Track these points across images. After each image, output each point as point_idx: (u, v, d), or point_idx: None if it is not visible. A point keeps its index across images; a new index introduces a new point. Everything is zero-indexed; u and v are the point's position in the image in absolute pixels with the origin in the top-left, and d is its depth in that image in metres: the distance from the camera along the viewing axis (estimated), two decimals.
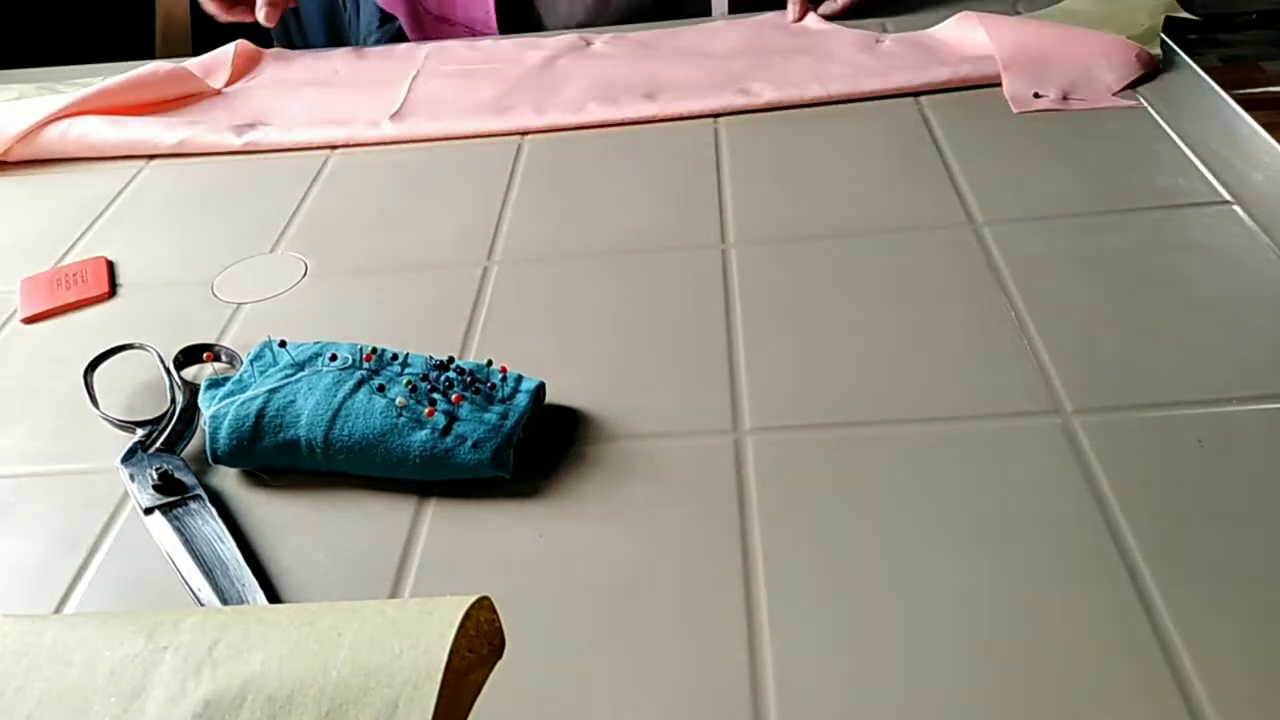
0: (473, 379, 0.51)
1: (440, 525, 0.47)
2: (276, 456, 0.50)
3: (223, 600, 0.44)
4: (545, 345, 0.58)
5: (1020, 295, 0.58)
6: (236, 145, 0.82)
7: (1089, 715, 0.37)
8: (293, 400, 0.50)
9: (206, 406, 0.51)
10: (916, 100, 0.80)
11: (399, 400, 0.49)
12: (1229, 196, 0.65)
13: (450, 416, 0.49)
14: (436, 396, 0.50)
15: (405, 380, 0.50)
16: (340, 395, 0.50)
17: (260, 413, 0.50)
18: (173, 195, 0.79)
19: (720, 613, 0.42)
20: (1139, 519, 0.44)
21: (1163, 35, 0.81)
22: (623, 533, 0.46)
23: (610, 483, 0.48)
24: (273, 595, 0.44)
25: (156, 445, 0.52)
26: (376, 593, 0.44)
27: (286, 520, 0.48)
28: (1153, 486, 0.45)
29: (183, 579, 0.45)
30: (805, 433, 0.50)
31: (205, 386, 0.52)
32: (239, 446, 0.50)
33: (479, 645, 0.34)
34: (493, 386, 0.51)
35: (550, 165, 0.77)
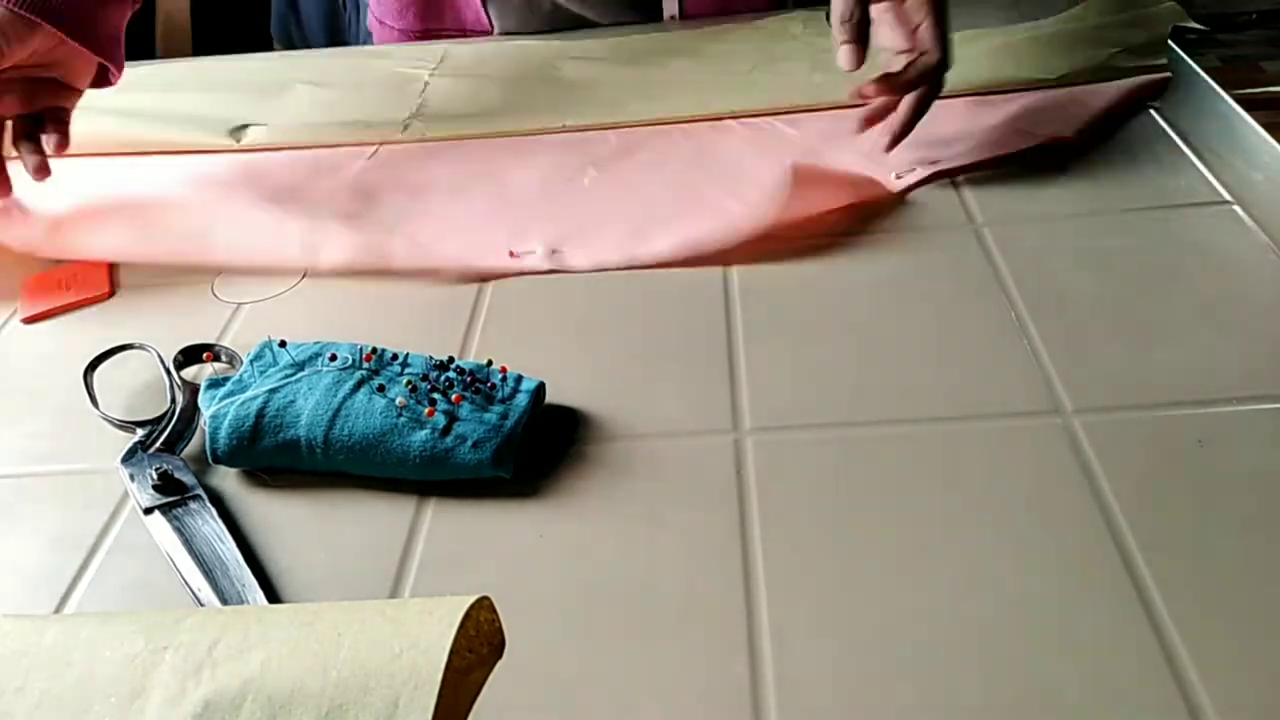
0: (473, 379, 0.51)
1: (440, 525, 0.47)
2: (276, 456, 0.50)
3: (222, 600, 0.44)
4: (545, 345, 0.58)
5: (1020, 295, 0.58)
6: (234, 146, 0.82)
7: (1089, 714, 0.37)
8: (293, 400, 0.50)
9: (206, 406, 0.51)
10: None
11: (399, 400, 0.49)
12: (1229, 196, 0.65)
13: (450, 416, 0.49)
14: (436, 396, 0.50)
15: (405, 380, 0.50)
16: (340, 395, 0.50)
17: (260, 413, 0.50)
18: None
19: (720, 612, 0.42)
20: (1139, 519, 0.44)
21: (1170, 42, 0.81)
22: (623, 533, 0.46)
23: (610, 483, 0.48)
24: (272, 595, 0.44)
25: (156, 445, 0.52)
26: (376, 593, 0.44)
27: (286, 520, 0.48)
28: (1153, 486, 0.45)
29: (182, 579, 0.45)
30: (805, 433, 0.50)
31: (205, 386, 0.52)
32: (239, 446, 0.50)
33: (479, 645, 0.34)
34: (493, 386, 0.51)
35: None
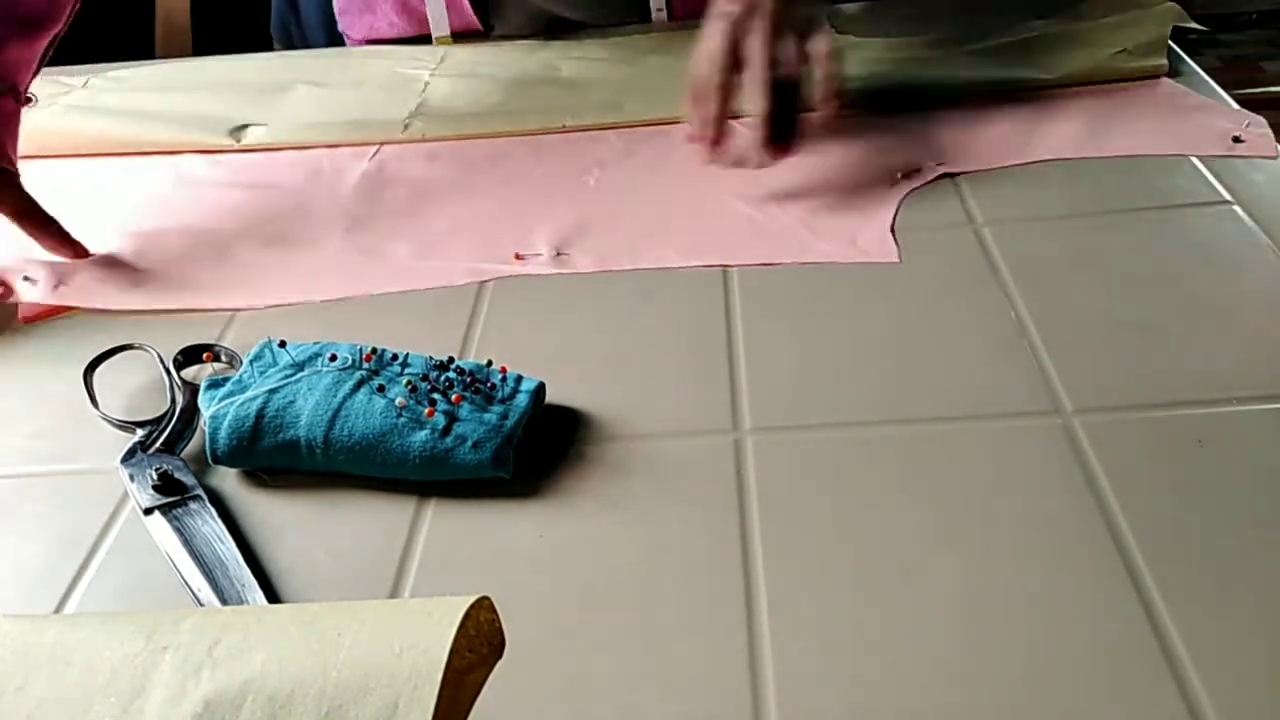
0: (473, 379, 0.51)
1: (440, 525, 0.47)
2: (276, 457, 0.50)
3: (222, 600, 0.43)
4: (545, 345, 0.58)
5: (1020, 295, 0.58)
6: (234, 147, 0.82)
7: (1089, 714, 0.37)
8: (292, 400, 0.50)
9: (206, 407, 0.51)
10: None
11: (399, 400, 0.49)
12: (1229, 197, 0.65)
13: (450, 417, 0.49)
14: (436, 397, 0.50)
15: (405, 380, 0.50)
16: (340, 395, 0.50)
17: (260, 413, 0.50)
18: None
19: (720, 612, 0.42)
20: (1139, 519, 0.44)
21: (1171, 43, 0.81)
22: (623, 533, 0.46)
23: (610, 483, 0.48)
24: (272, 595, 0.44)
25: (156, 445, 0.52)
26: (376, 593, 0.44)
27: (286, 520, 0.48)
28: (1153, 486, 0.45)
29: (182, 579, 0.45)
30: (805, 433, 0.50)
31: (205, 387, 0.52)
32: (239, 447, 0.50)
33: (479, 645, 0.34)
34: (493, 386, 0.51)
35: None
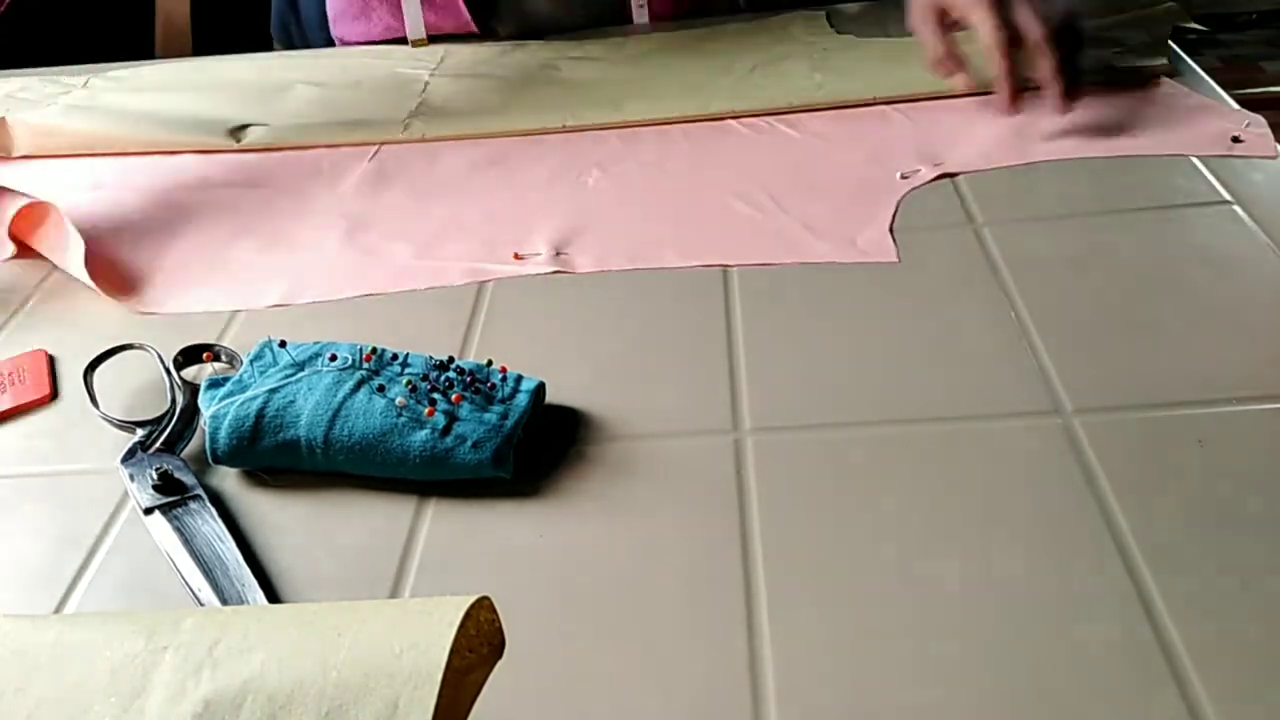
0: (473, 379, 0.51)
1: (440, 525, 0.47)
2: (276, 456, 0.50)
3: (223, 600, 0.43)
4: (545, 345, 0.58)
5: (1020, 295, 0.58)
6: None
7: (1088, 714, 0.37)
8: (293, 400, 0.50)
9: (206, 406, 0.51)
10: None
11: (399, 400, 0.49)
12: (1229, 196, 0.65)
13: (450, 416, 0.49)
14: (436, 396, 0.50)
15: (405, 380, 0.50)
16: (340, 395, 0.50)
17: (260, 413, 0.50)
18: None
19: (720, 613, 0.42)
20: (1139, 519, 0.44)
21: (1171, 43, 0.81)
22: (623, 533, 0.46)
23: (610, 483, 0.48)
24: (273, 595, 0.44)
25: (156, 445, 0.52)
26: (376, 593, 0.44)
27: (286, 520, 0.48)
28: (1153, 486, 0.45)
29: (183, 579, 0.45)
30: (805, 433, 0.50)
31: (205, 386, 0.52)
32: (239, 446, 0.50)
33: (479, 645, 0.34)
34: (493, 386, 0.51)
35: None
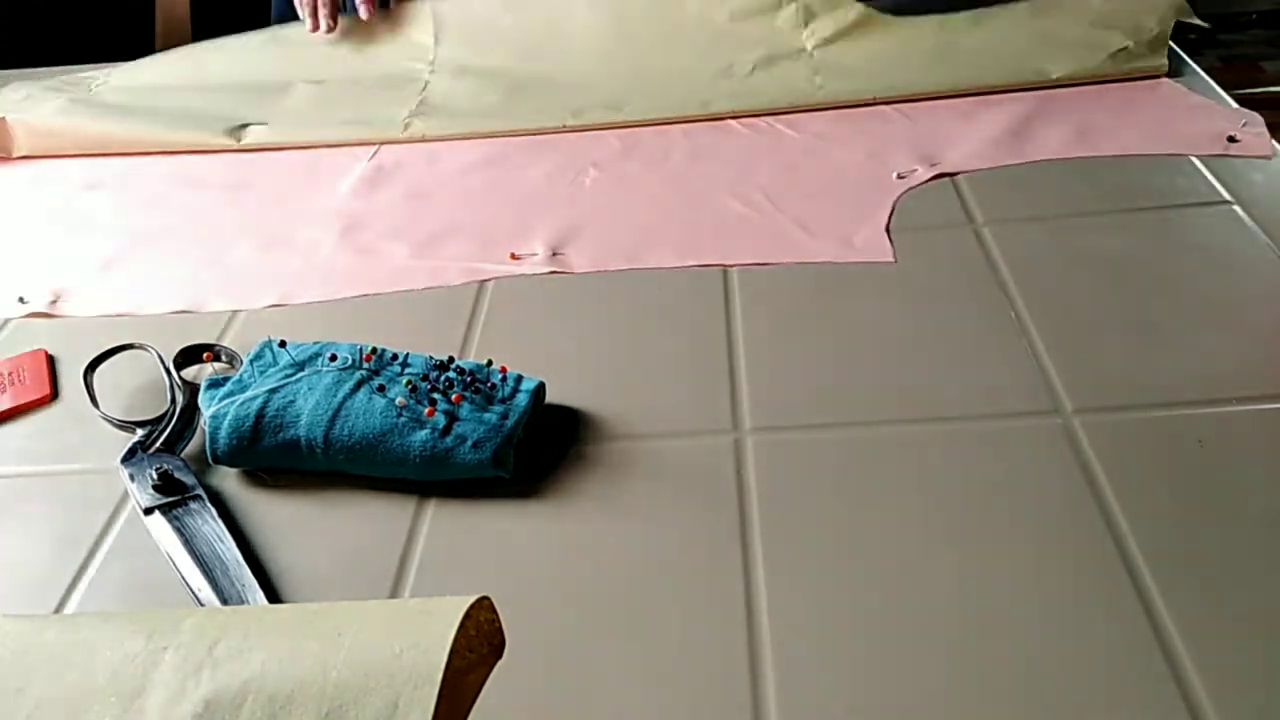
0: (473, 379, 0.51)
1: (440, 525, 0.47)
2: (276, 456, 0.50)
3: (222, 600, 0.43)
4: (545, 345, 0.58)
5: (1020, 295, 0.58)
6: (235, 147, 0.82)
7: (1089, 714, 0.37)
8: (293, 400, 0.50)
9: (206, 406, 0.51)
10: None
11: (399, 400, 0.49)
12: (1229, 196, 0.65)
13: (450, 416, 0.49)
14: (436, 396, 0.49)
15: (405, 380, 0.50)
16: (340, 395, 0.50)
17: (260, 413, 0.50)
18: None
19: (720, 612, 0.42)
20: (1138, 518, 0.44)
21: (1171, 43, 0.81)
22: (623, 533, 0.46)
23: (610, 483, 0.48)
24: (272, 595, 0.44)
25: (156, 445, 0.52)
26: (376, 593, 0.44)
27: (286, 520, 0.48)
28: (1152, 486, 0.45)
29: (182, 579, 0.45)
30: (805, 433, 0.50)
31: (205, 386, 0.52)
32: (239, 446, 0.50)
33: (479, 645, 0.34)
34: (493, 386, 0.51)
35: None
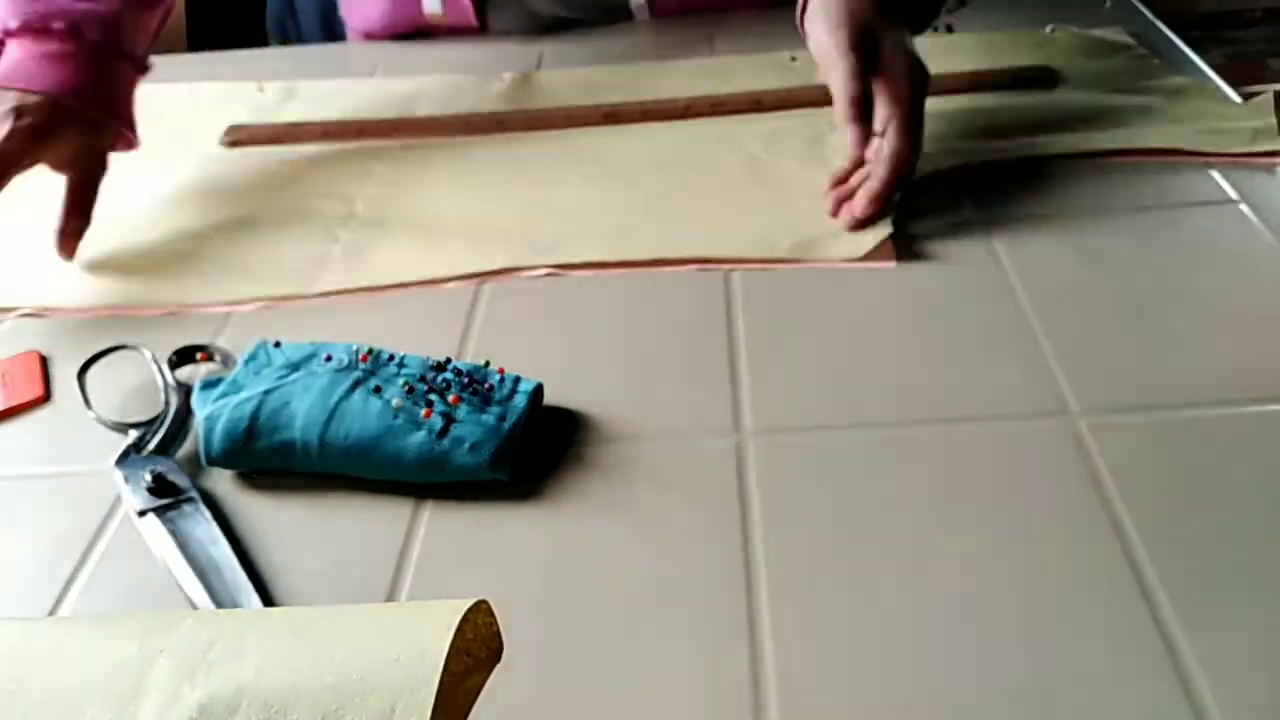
0: (470, 380, 0.50)
1: (437, 527, 0.47)
2: (271, 458, 0.49)
3: (217, 603, 0.43)
4: (544, 345, 0.57)
5: (1025, 295, 0.57)
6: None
7: (1092, 715, 0.36)
8: (287, 402, 0.49)
9: (200, 408, 0.51)
10: None
11: (395, 401, 0.48)
12: (1235, 195, 0.64)
13: (447, 418, 0.48)
14: (433, 398, 0.49)
15: (402, 381, 0.50)
16: (336, 397, 0.49)
17: (255, 414, 0.49)
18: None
19: (721, 614, 0.41)
20: (1144, 520, 0.43)
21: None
22: (623, 534, 0.45)
23: (610, 484, 0.48)
24: (267, 598, 0.44)
25: (150, 447, 0.51)
26: (373, 596, 0.44)
27: (281, 523, 0.48)
28: (1159, 487, 0.45)
29: (177, 582, 0.45)
30: (807, 434, 0.50)
31: (199, 388, 0.52)
32: (233, 448, 0.49)
33: (477, 649, 0.33)
34: (490, 387, 0.50)
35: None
